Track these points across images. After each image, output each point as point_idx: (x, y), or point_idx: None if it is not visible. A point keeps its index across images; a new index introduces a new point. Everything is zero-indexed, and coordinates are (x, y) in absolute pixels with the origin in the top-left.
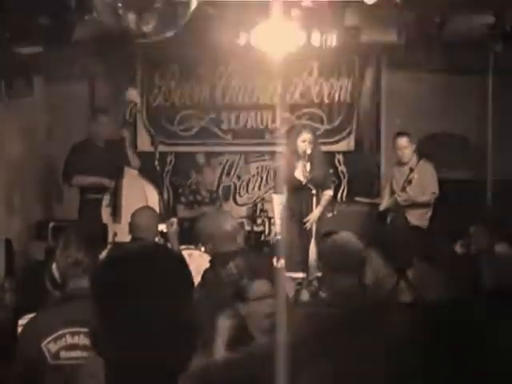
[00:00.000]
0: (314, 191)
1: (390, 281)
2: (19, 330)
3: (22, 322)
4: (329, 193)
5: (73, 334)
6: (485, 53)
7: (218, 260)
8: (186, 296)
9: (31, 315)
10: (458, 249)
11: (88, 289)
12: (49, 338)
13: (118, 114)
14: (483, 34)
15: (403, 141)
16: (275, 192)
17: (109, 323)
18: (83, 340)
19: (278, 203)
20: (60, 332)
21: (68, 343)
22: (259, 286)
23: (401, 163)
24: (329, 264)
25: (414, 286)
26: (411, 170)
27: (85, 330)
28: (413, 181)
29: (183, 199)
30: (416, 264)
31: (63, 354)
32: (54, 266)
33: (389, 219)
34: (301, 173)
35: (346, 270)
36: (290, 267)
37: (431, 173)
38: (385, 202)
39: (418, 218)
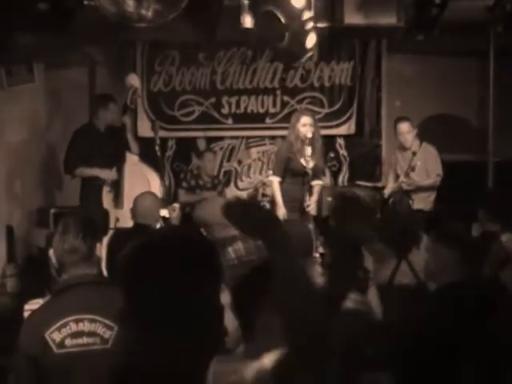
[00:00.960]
0: (311, 178)
1: (391, 263)
2: (25, 314)
3: (29, 306)
4: (319, 183)
5: (77, 321)
6: (485, 34)
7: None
8: (214, 283)
9: (36, 300)
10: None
11: (87, 276)
12: (52, 328)
13: (119, 100)
14: (483, 15)
15: (405, 126)
16: (275, 174)
17: (137, 305)
18: (88, 326)
19: (277, 185)
20: (64, 320)
21: (73, 331)
22: None
23: (403, 148)
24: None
25: (415, 270)
26: (414, 153)
27: (89, 316)
28: (416, 167)
29: (184, 184)
30: (429, 246)
31: (68, 341)
32: (50, 251)
33: (390, 202)
34: (303, 159)
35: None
36: None
37: (434, 155)
38: (390, 188)
39: (421, 202)
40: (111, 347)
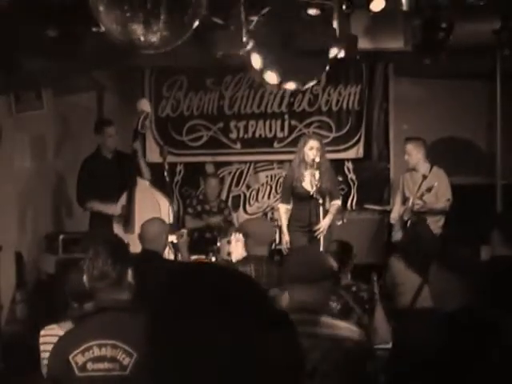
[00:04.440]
0: (321, 201)
1: (412, 287)
2: (41, 340)
3: (45, 332)
4: (337, 202)
5: (100, 346)
6: (492, 57)
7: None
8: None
9: (51, 326)
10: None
11: (115, 301)
12: (76, 351)
13: (127, 126)
14: (490, 38)
15: (408, 146)
16: (282, 202)
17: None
18: (110, 352)
19: (283, 212)
20: (88, 344)
21: (95, 355)
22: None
23: (413, 169)
24: None
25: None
26: (424, 177)
27: (112, 341)
28: (433, 188)
29: (190, 210)
30: (435, 272)
31: (90, 365)
32: (84, 277)
33: (409, 225)
34: (309, 183)
35: None
36: None
37: (445, 180)
38: (396, 211)
39: (431, 226)
40: (129, 374)
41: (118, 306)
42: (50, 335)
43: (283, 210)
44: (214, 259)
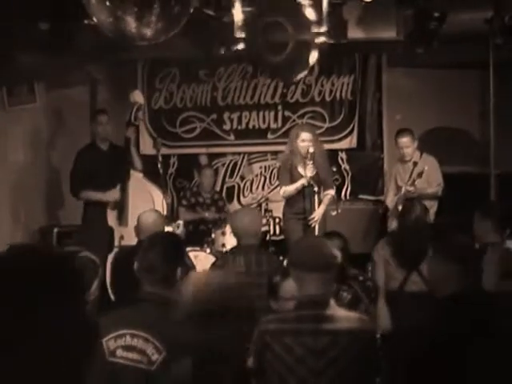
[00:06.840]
0: (316, 189)
1: (401, 273)
2: None
3: None
4: (331, 192)
5: (132, 336)
6: (485, 46)
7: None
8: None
9: None
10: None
11: (158, 296)
12: (111, 335)
13: (120, 118)
14: (482, 27)
15: (405, 140)
16: (283, 185)
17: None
18: (141, 344)
19: (292, 187)
20: (122, 331)
21: (127, 343)
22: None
23: (404, 161)
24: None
25: (426, 279)
26: (415, 164)
27: (144, 334)
28: (423, 173)
29: (184, 202)
30: (430, 258)
31: (119, 352)
32: (135, 265)
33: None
34: (304, 174)
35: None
36: None
37: (435, 165)
38: (389, 200)
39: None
40: (155, 371)
41: (159, 301)
42: None
43: (291, 187)
44: (208, 251)
